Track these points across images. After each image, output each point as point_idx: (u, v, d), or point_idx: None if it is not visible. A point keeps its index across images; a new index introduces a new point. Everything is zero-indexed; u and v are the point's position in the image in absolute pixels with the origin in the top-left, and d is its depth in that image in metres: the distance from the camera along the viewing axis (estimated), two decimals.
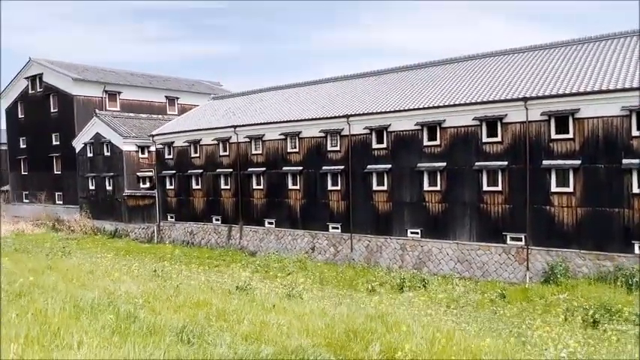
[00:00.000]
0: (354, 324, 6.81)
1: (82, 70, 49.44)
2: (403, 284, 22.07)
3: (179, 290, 10.79)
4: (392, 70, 31.94)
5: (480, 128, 23.45)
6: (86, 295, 9.99)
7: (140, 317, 7.62)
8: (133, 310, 7.86)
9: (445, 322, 9.11)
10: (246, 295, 10.54)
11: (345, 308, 9.17)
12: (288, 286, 15.90)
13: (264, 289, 14.51)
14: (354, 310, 8.20)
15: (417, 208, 25.52)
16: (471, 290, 21.49)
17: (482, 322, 14.21)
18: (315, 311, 8.72)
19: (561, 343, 10.16)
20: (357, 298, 18.87)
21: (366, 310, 9.58)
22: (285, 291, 12.58)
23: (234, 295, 10.45)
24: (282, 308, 9.06)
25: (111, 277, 13.63)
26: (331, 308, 9.23)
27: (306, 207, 29.78)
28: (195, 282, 14.93)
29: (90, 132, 42.60)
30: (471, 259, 23.80)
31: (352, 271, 25.67)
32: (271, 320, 7.97)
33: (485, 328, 12.11)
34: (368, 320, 7.11)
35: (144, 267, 18.23)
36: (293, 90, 36.14)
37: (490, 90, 23.80)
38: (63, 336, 5.88)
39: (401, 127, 25.86)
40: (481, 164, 23.32)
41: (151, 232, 38.04)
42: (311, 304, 9.76)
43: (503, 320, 16.00)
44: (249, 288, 10.58)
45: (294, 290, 11.53)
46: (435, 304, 17.86)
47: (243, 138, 32.38)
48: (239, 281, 15.01)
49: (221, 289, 11.43)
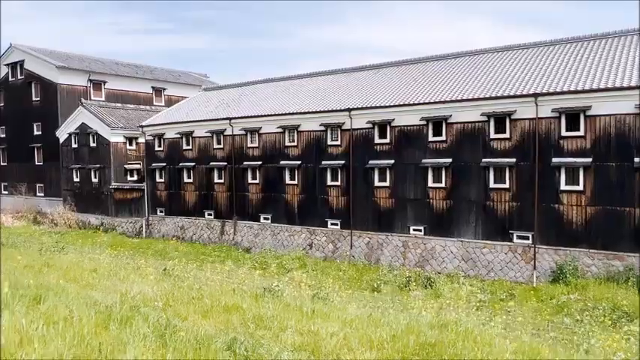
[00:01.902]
0: (424, 335, 6.13)
1: (66, 58, 47.67)
2: (409, 283, 21.56)
3: (201, 292, 9.98)
4: (392, 64, 31.31)
5: (487, 124, 22.99)
6: (103, 299, 9.13)
7: (177, 325, 6.83)
8: (166, 318, 7.04)
9: (489, 327, 8.52)
10: (276, 297, 9.77)
11: (393, 313, 8.50)
12: (313, 287, 15.16)
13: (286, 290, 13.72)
14: (410, 317, 7.53)
15: (420, 205, 25.00)
16: (479, 289, 21.06)
17: (522, 326, 13.60)
18: (361, 317, 8.02)
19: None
20: (383, 299, 18.22)
21: (410, 314, 8.94)
22: (310, 292, 11.88)
23: (263, 298, 9.66)
24: (324, 313, 8.33)
25: (117, 276, 12.72)
26: (375, 313, 8.53)
27: (304, 202, 29.03)
28: (210, 282, 14.08)
29: (75, 122, 41.02)
30: (475, 257, 23.38)
31: (354, 269, 25.06)
32: (319, 329, 7.24)
33: (535, 334, 11.53)
34: (435, 329, 6.45)
35: (145, 264, 17.28)
36: (289, 82, 35.26)
37: (498, 86, 23.35)
38: (110, 353, 5.08)
39: (405, 122, 25.27)
40: (488, 161, 22.88)
41: (139, 227, 36.82)
42: (349, 308, 9.08)
43: (537, 322, 15.43)
44: (277, 290, 9.83)
45: (322, 292, 10.86)
46: (452, 305, 17.31)
47: (239, 130, 31.42)
48: (258, 281, 14.21)
49: (248, 291, 10.64)
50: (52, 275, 12.06)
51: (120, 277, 12.64)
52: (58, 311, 6.82)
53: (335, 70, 33.76)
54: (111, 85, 47.65)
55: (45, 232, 38.03)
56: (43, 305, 6.95)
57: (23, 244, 25.17)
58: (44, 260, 15.10)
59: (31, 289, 8.59)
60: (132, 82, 49.83)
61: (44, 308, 6.77)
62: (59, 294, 8.70)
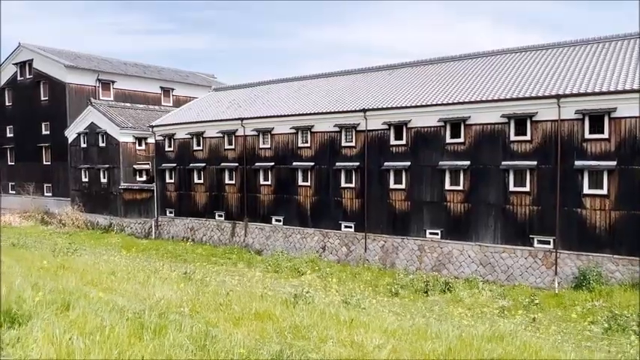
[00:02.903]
0: (484, 349, 5.68)
1: (75, 58, 47.44)
2: (427, 287, 21.07)
3: (229, 298, 9.54)
4: (407, 65, 30.87)
5: (507, 126, 22.51)
6: (128, 304, 8.71)
7: (216, 336, 6.40)
8: (204, 327, 6.60)
9: (538, 340, 8.06)
10: (307, 303, 9.33)
11: (437, 323, 8.04)
12: (342, 292, 14.71)
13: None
14: (460, 328, 7.08)
15: (437, 208, 24.52)
16: (499, 295, 20.56)
17: (562, 336, 13.08)
18: (404, 327, 7.57)
19: None
20: (414, 305, 17.72)
21: (454, 323, 8.49)
22: (340, 298, 11.44)
23: (295, 304, 9.22)
24: (362, 323, 7.88)
25: (137, 280, 12.30)
26: (417, 323, 8.10)
27: (317, 204, 28.59)
28: (233, 286, 13.66)
29: (84, 122, 40.73)
30: (494, 262, 22.88)
31: (369, 273, 24.58)
32: (363, 340, 6.79)
33: (581, 346, 11.05)
34: (494, 343, 5.99)
35: (161, 266, 16.87)
36: (301, 82, 34.86)
37: (518, 87, 22.88)
38: None
39: (422, 123, 24.81)
40: (508, 164, 22.39)
41: (148, 228, 36.45)
42: (387, 316, 8.64)
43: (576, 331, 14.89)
44: (308, 296, 9.38)
45: (353, 298, 10.41)
46: (478, 312, 16.83)
47: (251, 131, 31.02)
48: (287, 286, 13.79)
49: (276, 297, 10.21)
50: (69, 278, 11.65)
51: (139, 280, 12.22)
52: (88, 319, 6.40)
53: (348, 71, 33.35)
54: (119, 84, 47.39)
55: (53, 232, 37.72)
56: (71, 312, 6.53)
57: (34, 244, 24.83)
58: (59, 262, 14.72)
59: (54, 294, 8.18)
60: (140, 82, 49.55)
61: (73, 316, 6.34)
62: (81, 298, 8.30)
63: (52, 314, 6.25)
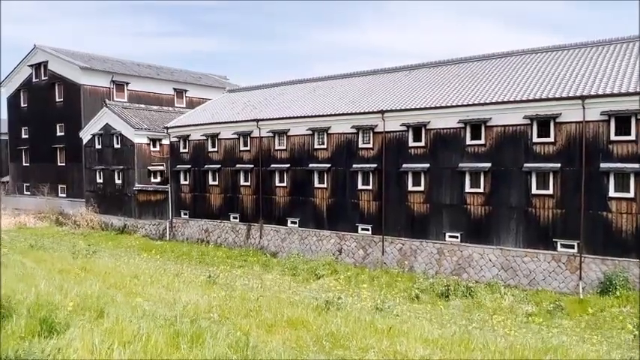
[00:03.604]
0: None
1: (89, 59, 47.59)
2: (448, 292, 20.70)
3: (258, 303, 9.29)
4: (424, 66, 30.51)
5: (530, 127, 22.08)
6: (157, 310, 8.50)
7: (257, 345, 6.14)
8: (244, 337, 6.34)
9: (591, 352, 7.71)
10: (339, 309, 9.05)
11: (480, 333, 7.73)
12: (372, 298, 14.41)
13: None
14: (505, 338, 6.77)
15: (456, 211, 24.12)
16: (522, 300, 20.15)
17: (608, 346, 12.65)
18: (445, 336, 7.26)
19: None
20: (436, 309, 17.34)
21: (496, 333, 8.17)
22: (371, 304, 11.13)
23: (327, 310, 8.95)
24: (401, 331, 7.59)
25: (160, 283, 12.11)
26: (458, 332, 7.78)
27: (334, 206, 28.30)
28: (258, 290, 13.42)
29: (99, 123, 40.80)
30: (516, 266, 22.44)
31: (387, 276, 24.24)
32: (406, 350, 6.50)
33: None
34: (550, 354, 5.67)
35: (181, 269, 16.70)
36: (316, 84, 34.63)
37: (541, 88, 22.44)
38: None
39: (441, 125, 24.43)
40: (530, 166, 21.95)
41: (162, 229, 36.38)
42: (424, 324, 8.33)
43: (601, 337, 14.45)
44: (339, 302, 9.10)
45: (385, 304, 10.09)
46: (508, 317, 16.41)
47: (266, 132, 30.82)
48: (318, 291, 13.52)
49: (305, 302, 9.95)
50: (92, 281, 11.47)
51: (163, 284, 12.03)
52: (123, 327, 6.17)
53: (364, 72, 33.06)
54: (133, 86, 47.45)
55: (68, 233, 37.79)
56: (106, 320, 6.30)
57: (51, 246, 24.78)
58: (80, 264, 14.57)
59: (83, 299, 7.98)
60: (154, 84, 49.59)
61: (109, 324, 6.11)
62: (109, 304, 8.09)
63: (87, 322, 6.04)
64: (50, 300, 7.71)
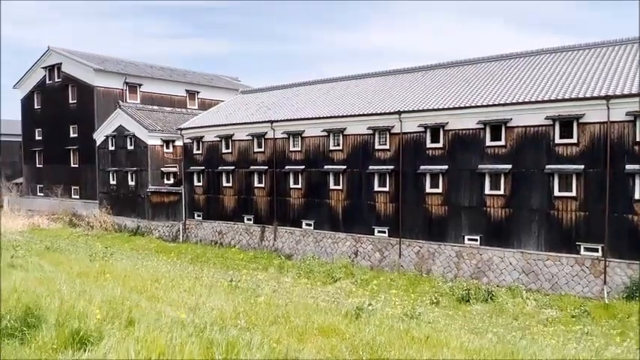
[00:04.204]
0: None
1: (102, 61, 47.70)
2: (469, 296, 20.27)
3: (287, 310, 8.99)
4: (441, 66, 30.10)
5: (552, 128, 21.61)
6: (181, 316, 8.21)
7: (297, 358, 5.84)
8: (283, 348, 6.04)
9: None
10: (370, 316, 8.72)
11: (524, 343, 7.37)
12: (400, 305, 14.08)
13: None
14: (555, 348, 6.42)
15: (476, 213, 23.69)
16: (545, 305, 19.67)
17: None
18: (486, 347, 6.91)
19: None
20: (474, 317, 16.92)
21: (541, 343, 7.82)
22: (401, 310, 10.80)
23: (358, 317, 8.62)
24: (439, 340, 7.24)
25: (182, 287, 11.84)
26: (497, 341, 7.43)
27: (349, 209, 27.96)
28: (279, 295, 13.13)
29: (112, 124, 40.82)
30: (537, 270, 21.96)
31: (404, 279, 23.86)
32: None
33: None
34: None
35: (200, 272, 16.47)
36: (330, 85, 34.33)
37: (563, 88, 21.97)
38: None
39: (460, 126, 24.03)
40: (553, 167, 21.48)
41: (175, 231, 36.25)
42: (461, 333, 8.00)
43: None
44: (370, 309, 8.78)
45: (415, 311, 9.74)
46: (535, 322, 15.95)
47: (281, 134, 30.58)
48: (343, 296, 13.19)
49: (332, 308, 9.65)
50: (113, 285, 11.24)
51: (184, 288, 11.76)
52: (155, 336, 5.88)
53: (379, 73, 32.72)
54: (146, 87, 47.50)
55: (81, 234, 37.79)
56: (137, 329, 6.01)
57: (67, 247, 24.70)
58: (98, 267, 14.36)
59: (107, 305, 7.71)
60: (166, 85, 49.62)
61: (140, 333, 5.82)
62: (133, 309, 7.83)
63: (117, 330, 5.76)
64: (74, 305, 7.48)
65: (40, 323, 4.93)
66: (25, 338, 4.68)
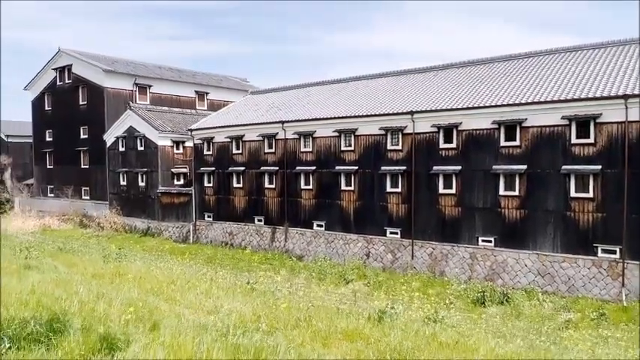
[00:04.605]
0: None
1: (112, 62, 47.83)
2: (484, 298, 20.01)
3: (309, 313, 8.81)
4: (453, 66, 29.84)
5: (568, 128, 21.30)
6: (203, 320, 8.07)
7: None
8: (300, 350, 5.87)
9: None
10: (393, 320, 8.52)
11: (557, 350, 7.15)
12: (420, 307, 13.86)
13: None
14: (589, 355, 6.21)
15: (490, 214, 23.41)
16: (562, 307, 19.37)
17: None
18: (518, 352, 6.70)
19: None
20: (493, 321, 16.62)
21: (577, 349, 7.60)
22: (423, 314, 10.59)
23: (381, 321, 8.43)
24: (468, 346, 7.04)
25: (199, 289, 11.70)
26: (526, 347, 7.22)
27: (361, 209, 27.76)
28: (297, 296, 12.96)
29: (123, 125, 40.88)
30: (554, 272, 21.64)
31: (417, 281, 23.62)
32: None
33: None
34: None
35: (215, 273, 16.34)
36: (341, 85, 34.17)
37: (579, 87, 21.66)
38: None
39: (474, 126, 23.77)
40: (569, 168, 21.17)
41: (185, 232, 36.21)
42: (490, 337, 7.79)
43: None
44: (393, 313, 8.59)
45: (438, 314, 9.52)
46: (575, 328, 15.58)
47: (292, 134, 30.44)
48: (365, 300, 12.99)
49: (352, 310, 9.47)
50: (130, 287, 11.13)
51: (201, 289, 11.62)
52: (181, 341, 5.74)
53: (390, 73, 32.51)
54: (155, 89, 47.56)
55: (92, 235, 37.86)
56: (162, 333, 5.86)
57: (79, 248, 24.69)
58: (113, 269, 14.26)
59: (126, 307, 7.57)
60: (175, 86, 49.67)
61: (166, 338, 5.67)
62: (154, 312, 7.70)
63: (143, 335, 5.61)
64: (94, 308, 7.36)
65: (65, 328, 4.79)
66: (51, 344, 4.54)
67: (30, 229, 39.83)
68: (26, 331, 4.54)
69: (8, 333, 4.49)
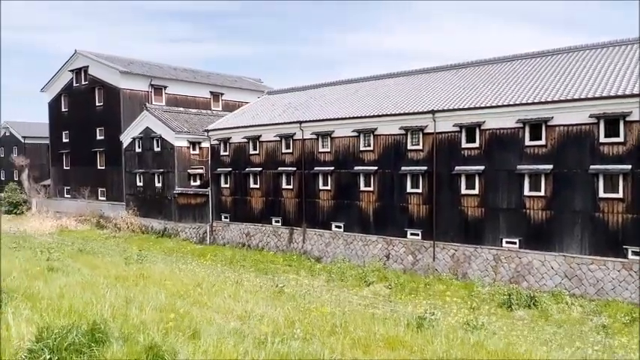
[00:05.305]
0: None
1: (128, 64, 47.94)
2: (510, 301, 19.52)
3: (345, 319, 8.48)
4: (472, 64, 29.34)
5: (596, 127, 20.73)
6: (238, 326, 7.77)
7: None
8: None
9: None
10: (432, 327, 8.16)
11: None
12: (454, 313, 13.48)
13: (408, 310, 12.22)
14: None
15: (514, 215, 22.89)
16: (592, 311, 18.83)
17: None
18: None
19: None
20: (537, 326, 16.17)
21: None
22: (459, 318, 10.22)
23: (421, 327, 8.07)
24: (519, 354, 6.65)
25: (226, 292, 11.42)
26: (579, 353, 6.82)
27: (381, 210, 27.36)
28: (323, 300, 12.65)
29: (139, 126, 40.91)
30: (581, 274, 21.07)
31: (440, 283, 23.19)
32: None
33: None
34: None
35: (238, 276, 16.06)
36: (358, 85, 33.81)
37: (607, 84, 21.06)
38: None
39: (497, 125, 23.27)
40: (597, 168, 20.59)
41: (202, 233, 36.08)
42: (537, 346, 7.41)
43: None
44: (432, 318, 8.23)
45: (477, 320, 9.14)
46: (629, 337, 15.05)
47: (310, 134, 30.13)
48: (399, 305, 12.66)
49: (392, 318, 9.12)
50: (154, 290, 10.88)
51: (228, 293, 11.34)
52: (223, 350, 5.44)
53: (409, 72, 32.09)
54: (170, 89, 47.58)
55: (109, 236, 37.89)
56: (203, 342, 5.56)
57: (100, 250, 24.61)
58: (136, 271, 14.06)
59: (158, 314, 7.31)
60: (190, 87, 49.64)
61: (208, 347, 5.37)
62: (186, 318, 7.42)
63: (185, 344, 5.32)
64: (126, 313, 7.11)
65: (107, 338, 4.51)
66: (93, 355, 4.26)
67: (48, 229, 40.02)
68: (67, 341, 4.26)
69: (49, 344, 4.21)
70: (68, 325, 4.55)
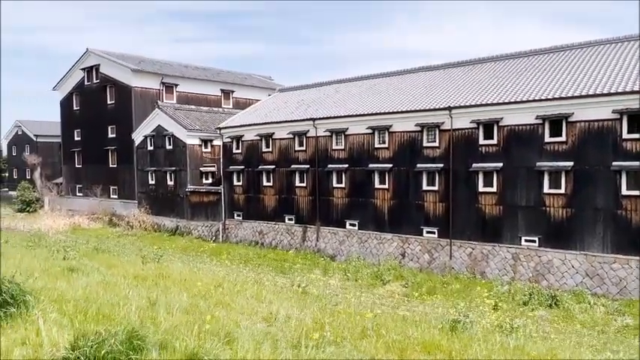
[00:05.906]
0: None
1: (139, 62, 47.91)
2: (530, 300, 19.17)
3: (377, 321, 8.22)
4: (488, 60, 28.89)
5: (619, 123, 20.27)
6: (267, 329, 7.54)
7: None
8: None
9: None
10: (467, 330, 7.89)
11: None
12: (488, 314, 13.19)
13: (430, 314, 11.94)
14: None
15: (533, 213, 22.49)
16: (615, 311, 18.42)
17: None
18: None
19: None
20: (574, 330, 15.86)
21: None
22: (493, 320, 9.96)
23: (455, 331, 7.80)
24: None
25: (248, 293, 11.21)
26: None
27: (396, 208, 27.05)
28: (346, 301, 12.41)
29: (151, 124, 40.85)
30: (603, 273, 20.65)
31: (457, 282, 22.85)
32: None
33: None
34: None
35: (256, 274, 15.86)
36: (372, 81, 33.46)
37: (630, 79, 20.58)
38: None
39: (516, 121, 22.86)
40: (620, 164, 20.14)
41: (215, 231, 35.96)
42: (581, 351, 7.12)
43: None
44: (467, 321, 7.95)
45: (514, 322, 8.85)
46: None
47: (323, 132, 29.86)
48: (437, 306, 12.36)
49: (424, 320, 8.87)
50: (175, 290, 10.69)
51: (250, 293, 11.13)
52: (261, 357, 5.21)
53: (425, 68, 31.69)
54: (181, 87, 47.50)
55: (122, 234, 37.89)
56: (239, 347, 5.33)
57: (115, 248, 24.54)
58: (155, 270, 13.89)
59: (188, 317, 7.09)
60: (201, 85, 49.53)
61: (246, 354, 5.14)
62: (213, 322, 7.20)
63: (222, 350, 5.10)
64: (153, 316, 6.91)
65: (145, 345, 4.29)
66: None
67: (60, 227, 40.10)
68: (104, 349, 4.04)
69: (85, 352, 4.00)
70: (104, 331, 4.34)
